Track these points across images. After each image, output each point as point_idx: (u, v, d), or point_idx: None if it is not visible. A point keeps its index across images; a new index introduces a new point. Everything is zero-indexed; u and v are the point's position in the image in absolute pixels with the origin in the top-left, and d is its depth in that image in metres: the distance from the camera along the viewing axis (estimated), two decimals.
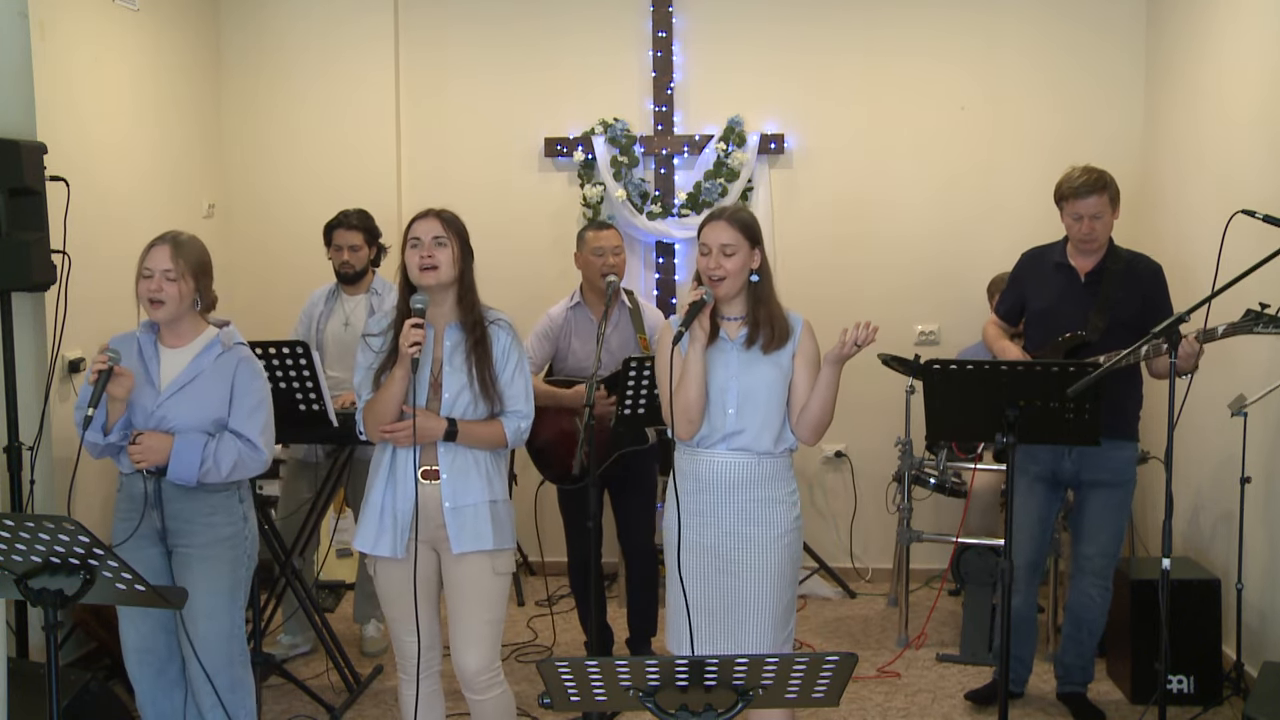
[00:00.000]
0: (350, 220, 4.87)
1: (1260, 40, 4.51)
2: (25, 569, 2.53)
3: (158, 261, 3.29)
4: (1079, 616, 4.26)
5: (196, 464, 3.25)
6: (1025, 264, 4.36)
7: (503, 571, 3.35)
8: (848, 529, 6.01)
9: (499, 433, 3.32)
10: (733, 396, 3.22)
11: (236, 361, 3.37)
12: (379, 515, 3.30)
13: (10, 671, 3.26)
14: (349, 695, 4.51)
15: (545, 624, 5.31)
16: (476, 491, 3.29)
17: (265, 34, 6.12)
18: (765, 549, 3.22)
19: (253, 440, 3.33)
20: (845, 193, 5.93)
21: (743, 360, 3.24)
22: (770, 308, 3.25)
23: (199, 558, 3.34)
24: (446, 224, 3.30)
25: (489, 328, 3.33)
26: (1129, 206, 5.75)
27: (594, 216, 5.90)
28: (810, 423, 3.25)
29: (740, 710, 2.22)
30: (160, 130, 5.56)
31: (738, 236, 3.20)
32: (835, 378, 3.21)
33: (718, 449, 3.24)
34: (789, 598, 3.27)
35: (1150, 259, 4.23)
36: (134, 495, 3.34)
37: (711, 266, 3.20)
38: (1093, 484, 4.14)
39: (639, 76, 5.99)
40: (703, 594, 3.24)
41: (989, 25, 5.82)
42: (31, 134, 4.11)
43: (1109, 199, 4.12)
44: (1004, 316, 4.43)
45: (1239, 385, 4.33)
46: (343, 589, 5.81)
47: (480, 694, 3.35)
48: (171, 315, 3.31)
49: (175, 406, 3.30)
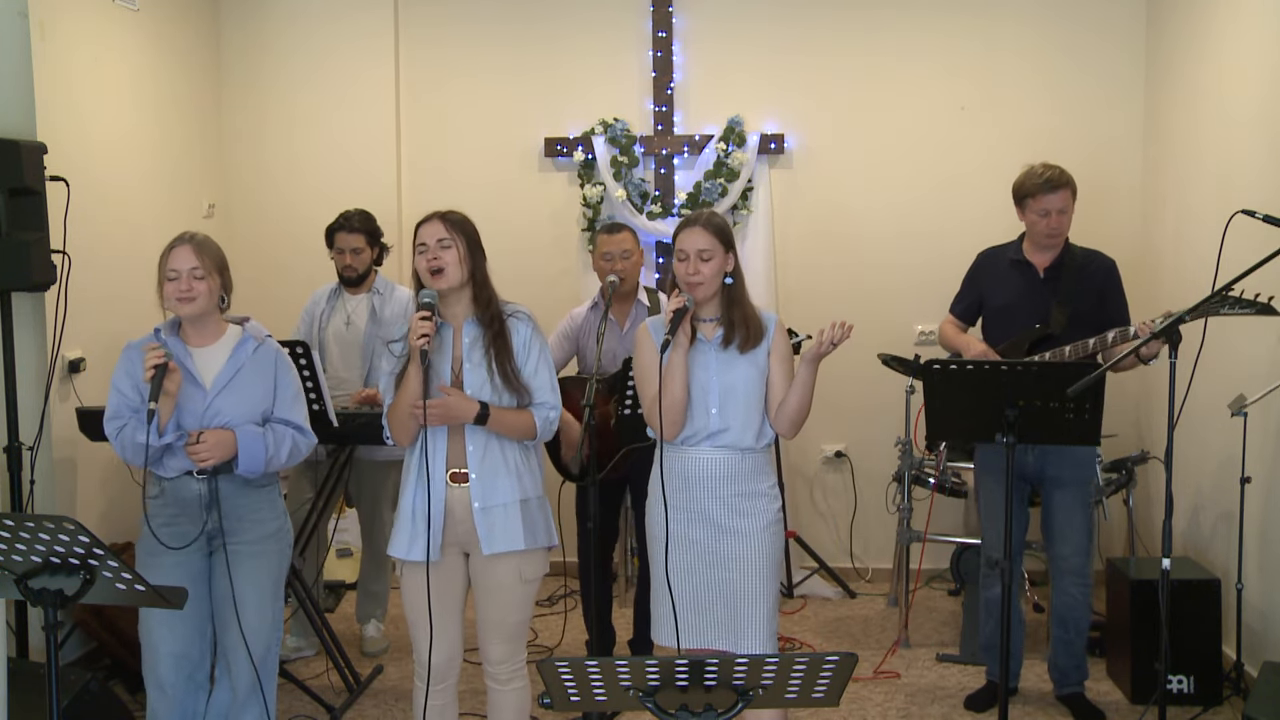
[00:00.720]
0: (352, 223, 4.86)
1: (1260, 40, 4.51)
2: (25, 569, 2.53)
3: (183, 262, 3.32)
4: (1064, 617, 4.29)
5: (263, 454, 3.34)
6: (981, 263, 4.46)
7: (530, 579, 3.37)
8: (848, 529, 6.01)
9: (529, 421, 3.33)
10: (714, 396, 3.32)
11: (274, 353, 3.48)
12: (411, 520, 3.31)
13: (10, 671, 3.26)
14: (349, 695, 4.51)
15: (546, 624, 5.31)
16: (506, 491, 3.31)
17: (265, 34, 6.12)
18: (753, 540, 3.32)
19: (302, 426, 3.46)
20: (845, 193, 5.93)
21: (721, 360, 3.34)
22: (745, 308, 3.36)
23: (249, 554, 3.40)
24: (451, 225, 3.31)
25: (508, 321, 3.35)
26: (1129, 206, 5.79)
27: (594, 216, 5.91)
28: (788, 417, 3.34)
29: (740, 710, 2.22)
30: (160, 130, 5.56)
31: (713, 241, 3.30)
32: (812, 376, 3.30)
33: (702, 446, 3.35)
34: (774, 588, 3.38)
35: (1104, 255, 4.32)
36: (184, 499, 3.36)
37: (690, 272, 3.30)
38: (1055, 481, 4.20)
39: (639, 76, 5.99)
40: (695, 588, 3.32)
41: (989, 25, 5.82)
42: (31, 134, 4.11)
43: (1071, 194, 4.22)
44: (960, 315, 4.49)
45: (1239, 385, 4.33)
46: (343, 589, 5.81)
47: (503, 684, 3.40)
48: (201, 311, 3.36)
49: (225, 402, 3.35)
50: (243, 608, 3.36)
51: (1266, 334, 4.29)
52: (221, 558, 3.39)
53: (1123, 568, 4.53)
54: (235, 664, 3.43)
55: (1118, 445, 5.41)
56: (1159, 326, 3.51)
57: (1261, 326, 4.25)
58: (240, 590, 3.36)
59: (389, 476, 4.96)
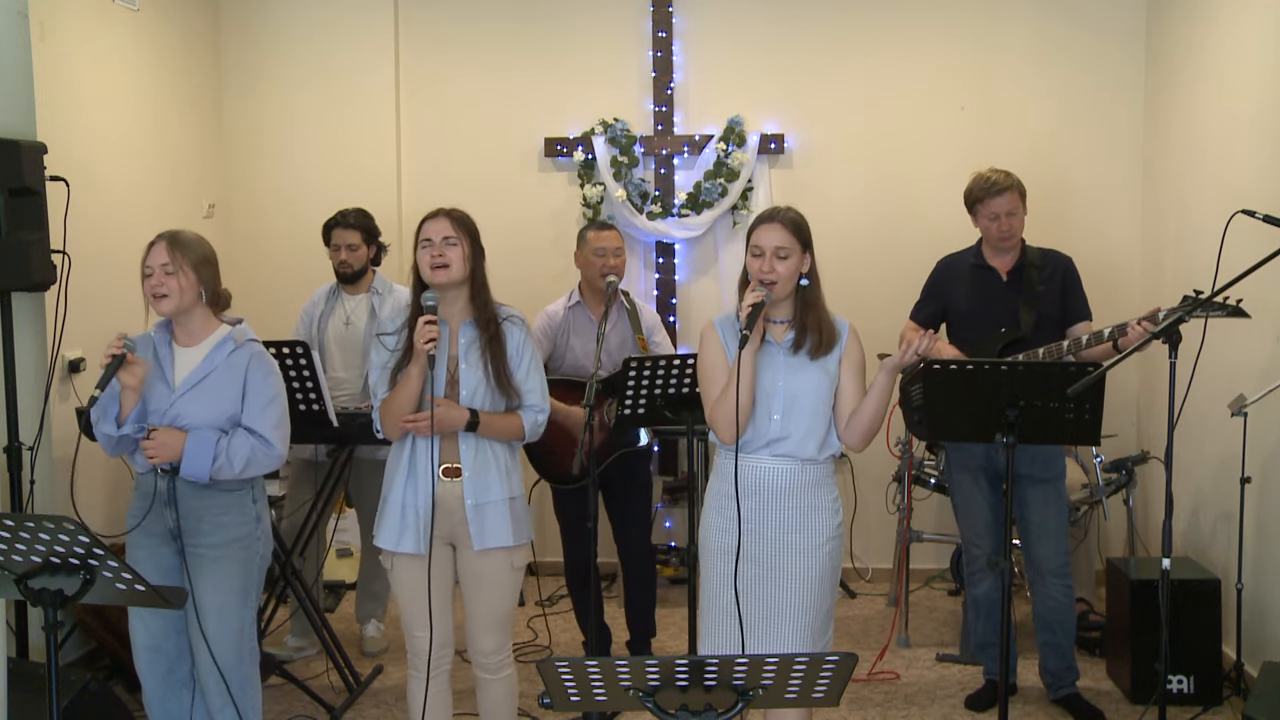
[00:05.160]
0: (348, 219, 4.87)
1: (1260, 40, 4.50)
2: (25, 569, 2.53)
3: (155, 258, 3.33)
4: (1050, 621, 4.30)
5: (209, 460, 3.26)
6: (943, 271, 4.48)
7: (519, 566, 3.45)
8: (848, 529, 5.99)
9: (517, 425, 3.39)
10: (779, 401, 3.17)
11: (249, 358, 3.38)
12: (400, 512, 3.34)
13: (10, 671, 3.26)
14: (349, 695, 4.51)
15: (544, 624, 5.31)
16: (497, 489, 3.36)
17: (265, 34, 6.12)
18: (807, 556, 3.17)
19: (265, 436, 3.33)
20: (845, 193, 5.93)
21: (789, 365, 3.19)
22: (819, 312, 3.22)
23: (211, 558, 3.34)
24: (457, 223, 3.35)
25: (503, 324, 3.40)
26: (1130, 206, 5.79)
27: (594, 216, 5.90)
28: (861, 428, 3.21)
29: (740, 710, 2.22)
30: (160, 130, 5.56)
31: (791, 239, 3.17)
32: (890, 384, 3.16)
33: (761, 454, 3.18)
34: (828, 605, 3.23)
35: (1061, 253, 4.36)
36: (147, 493, 3.36)
37: (765, 269, 3.15)
38: (1027, 479, 4.21)
39: (639, 76, 5.99)
40: (739, 600, 3.14)
41: (989, 25, 5.81)
42: (31, 134, 4.10)
43: (1019, 195, 4.26)
44: (922, 323, 4.46)
45: (1239, 385, 4.33)
46: (343, 589, 5.81)
47: (493, 674, 3.45)
48: (176, 308, 3.33)
49: (189, 403, 3.32)
50: (202, 612, 3.30)
51: (1266, 334, 4.29)
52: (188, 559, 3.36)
53: (1123, 568, 4.53)
54: (202, 671, 3.38)
55: (1118, 445, 5.41)
56: (1158, 328, 3.50)
57: (1261, 327, 4.25)
58: (199, 593, 3.30)
59: None
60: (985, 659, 4.42)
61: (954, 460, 4.42)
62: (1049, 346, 4.09)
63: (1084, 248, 4.78)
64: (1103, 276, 5.01)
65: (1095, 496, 4.97)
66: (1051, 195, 5.45)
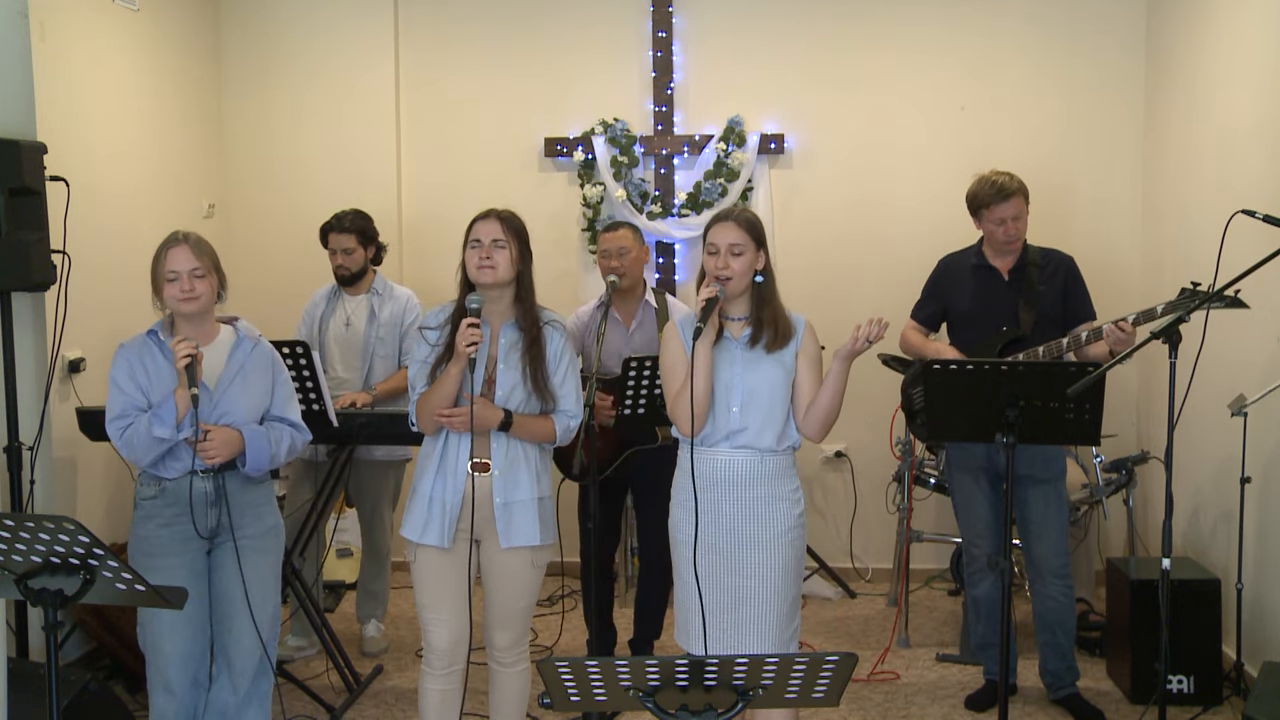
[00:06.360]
0: (343, 223, 4.87)
1: (1260, 40, 4.50)
2: (25, 569, 2.53)
3: (183, 263, 3.34)
4: (1049, 621, 4.30)
5: (267, 452, 3.40)
6: (944, 271, 4.48)
7: (540, 565, 3.49)
8: (848, 529, 6.00)
9: (550, 428, 3.43)
10: (737, 394, 3.27)
11: (270, 352, 3.54)
12: (427, 505, 3.39)
13: (10, 671, 3.26)
14: (349, 695, 4.51)
15: (546, 624, 5.31)
16: (526, 488, 3.40)
17: (265, 34, 6.12)
18: (768, 546, 3.26)
19: (297, 423, 3.53)
20: (845, 193, 5.93)
21: (747, 359, 3.29)
22: (774, 308, 3.32)
23: (255, 548, 3.46)
24: (507, 226, 3.42)
25: (544, 329, 3.43)
26: (1130, 206, 5.79)
27: (594, 217, 5.91)
28: (818, 418, 3.29)
29: (740, 710, 2.22)
30: (160, 130, 5.56)
31: (745, 237, 3.26)
32: (844, 373, 3.25)
33: (720, 446, 3.29)
34: (793, 594, 3.32)
35: (1063, 253, 4.36)
36: (181, 497, 3.36)
37: (719, 266, 3.26)
38: (1028, 479, 4.21)
39: (639, 76, 5.99)
40: (707, 591, 3.27)
41: (989, 24, 5.82)
42: (31, 134, 4.10)
43: (1024, 199, 4.26)
44: (924, 322, 4.49)
45: (1239, 385, 4.33)
46: (343, 589, 5.81)
47: (508, 667, 3.50)
48: (203, 309, 3.40)
49: (230, 401, 3.40)
50: (254, 599, 3.42)
51: (1266, 334, 4.29)
52: (221, 555, 3.43)
53: (1123, 568, 4.53)
54: (236, 660, 3.47)
55: (1118, 445, 5.41)
56: (1159, 328, 3.49)
57: (1261, 327, 4.25)
58: (250, 583, 3.41)
59: (389, 476, 4.96)
60: (985, 659, 4.43)
61: (954, 460, 4.42)
62: (1049, 344, 4.10)
63: (1084, 248, 4.78)
64: (1102, 276, 5.00)
65: (1095, 496, 4.97)
66: (1051, 195, 5.44)
